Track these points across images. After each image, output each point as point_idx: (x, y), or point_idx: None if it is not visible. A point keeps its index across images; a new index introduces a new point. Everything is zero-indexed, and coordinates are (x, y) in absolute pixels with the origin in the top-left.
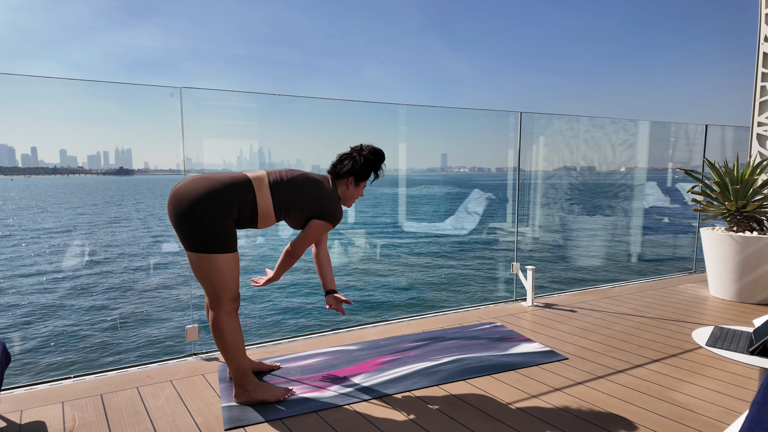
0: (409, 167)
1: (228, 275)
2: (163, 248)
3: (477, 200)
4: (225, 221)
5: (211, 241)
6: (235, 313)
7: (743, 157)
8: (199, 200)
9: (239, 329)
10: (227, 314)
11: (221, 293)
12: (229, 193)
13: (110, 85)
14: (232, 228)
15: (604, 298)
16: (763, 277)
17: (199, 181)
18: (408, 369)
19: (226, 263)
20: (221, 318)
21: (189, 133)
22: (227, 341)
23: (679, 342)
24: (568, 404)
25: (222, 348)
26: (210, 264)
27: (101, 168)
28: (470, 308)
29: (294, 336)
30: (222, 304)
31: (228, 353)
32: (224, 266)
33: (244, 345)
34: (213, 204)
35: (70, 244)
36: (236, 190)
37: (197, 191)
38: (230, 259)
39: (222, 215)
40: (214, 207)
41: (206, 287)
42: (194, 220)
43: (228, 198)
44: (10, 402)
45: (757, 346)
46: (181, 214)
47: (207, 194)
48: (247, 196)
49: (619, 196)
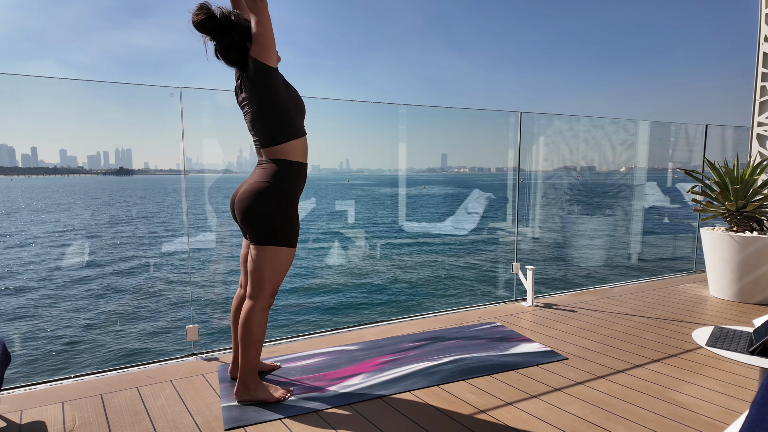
0: (409, 167)
1: (279, 269)
2: (163, 248)
3: (477, 200)
4: (288, 212)
5: (275, 234)
6: (268, 309)
7: (743, 157)
8: (262, 197)
9: (265, 327)
10: (262, 308)
11: (265, 285)
12: (282, 184)
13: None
14: (296, 221)
15: (604, 298)
16: (763, 277)
17: (255, 183)
18: (408, 369)
19: (283, 257)
20: (256, 310)
21: (189, 133)
22: (253, 335)
23: (679, 342)
24: (568, 404)
25: (245, 340)
26: (269, 255)
27: (101, 168)
28: (470, 308)
29: (294, 336)
30: (262, 296)
31: (249, 346)
32: (280, 259)
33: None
34: (275, 198)
35: (70, 243)
36: (283, 177)
37: (257, 190)
38: (287, 254)
39: (285, 207)
40: (278, 200)
41: (254, 277)
42: (260, 215)
43: (284, 188)
44: (10, 402)
45: (757, 346)
46: (248, 212)
47: (267, 191)
48: (291, 169)
49: (619, 196)
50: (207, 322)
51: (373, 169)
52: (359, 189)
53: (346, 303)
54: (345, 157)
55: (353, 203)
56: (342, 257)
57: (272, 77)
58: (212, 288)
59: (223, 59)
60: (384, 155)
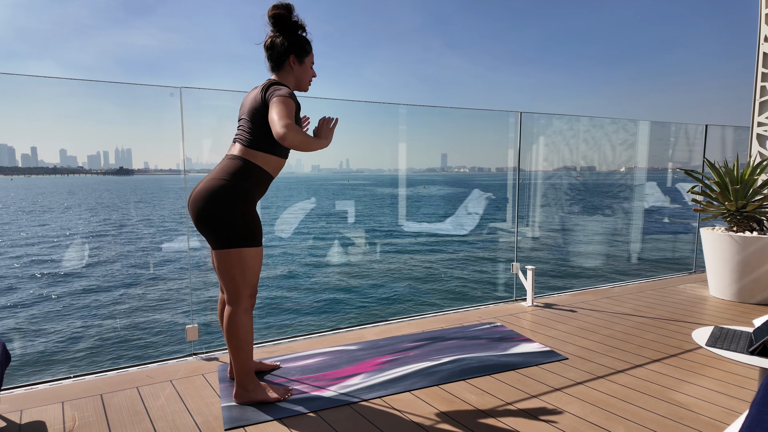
0: (409, 167)
1: (251, 270)
2: (162, 248)
3: (477, 200)
4: (246, 211)
5: (236, 236)
6: (251, 311)
7: (743, 157)
8: (217, 198)
9: (252, 328)
10: (244, 311)
11: (241, 288)
12: (240, 183)
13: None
14: (256, 219)
15: (604, 298)
16: (763, 277)
17: (211, 181)
18: (408, 369)
19: (251, 257)
20: (238, 314)
21: (189, 133)
22: (240, 338)
23: (679, 342)
24: (568, 404)
25: (233, 345)
26: (235, 258)
27: (101, 168)
28: (470, 308)
29: (294, 336)
30: (241, 300)
31: (237, 351)
32: (249, 260)
33: (253, 345)
34: (231, 199)
35: (70, 243)
36: (243, 176)
37: (212, 190)
38: (255, 254)
39: (242, 206)
40: (234, 201)
41: (227, 283)
42: (216, 218)
43: (242, 187)
44: (10, 402)
45: (757, 346)
46: (202, 215)
47: (222, 191)
48: (254, 173)
49: (619, 196)
50: (207, 322)
51: (373, 169)
52: (359, 189)
53: (346, 303)
54: (345, 157)
55: (353, 203)
56: (342, 257)
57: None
58: (212, 287)
59: (265, 48)
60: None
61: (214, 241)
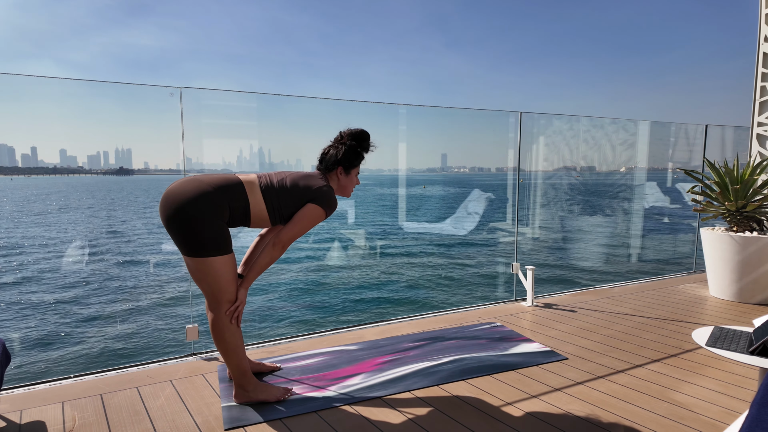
0: (409, 167)
1: (224, 277)
2: (162, 248)
3: (477, 200)
4: (216, 223)
5: (205, 244)
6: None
7: (743, 157)
8: (189, 203)
9: (239, 330)
10: (226, 314)
11: (219, 295)
12: (218, 196)
13: (110, 84)
14: (225, 229)
15: (604, 298)
16: (763, 277)
17: (188, 184)
18: (408, 369)
19: (221, 265)
20: (221, 319)
21: (189, 133)
22: (227, 342)
23: (679, 342)
24: (568, 404)
25: (222, 349)
26: (206, 267)
27: (101, 168)
28: (470, 308)
29: (294, 336)
30: (221, 305)
31: (228, 354)
32: (220, 268)
33: (244, 345)
34: (203, 207)
35: (70, 243)
36: (226, 192)
37: (187, 194)
38: (225, 261)
39: (213, 217)
40: (205, 209)
41: (204, 290)
42: (185, 223)
43: (218, 200)
44: (10, 402)
45: (757, 346)
46: (172, 218)
47: (196, 197)
48: (238, 198)
49: (619, 197)
50: (207, 321)
51: (373, 169)
52: (359, 189)
53: (345, 303)
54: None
55: (353, 203)
56: (341, 257)
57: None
58: None
59: (321, 152)
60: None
61: (183, 247)
